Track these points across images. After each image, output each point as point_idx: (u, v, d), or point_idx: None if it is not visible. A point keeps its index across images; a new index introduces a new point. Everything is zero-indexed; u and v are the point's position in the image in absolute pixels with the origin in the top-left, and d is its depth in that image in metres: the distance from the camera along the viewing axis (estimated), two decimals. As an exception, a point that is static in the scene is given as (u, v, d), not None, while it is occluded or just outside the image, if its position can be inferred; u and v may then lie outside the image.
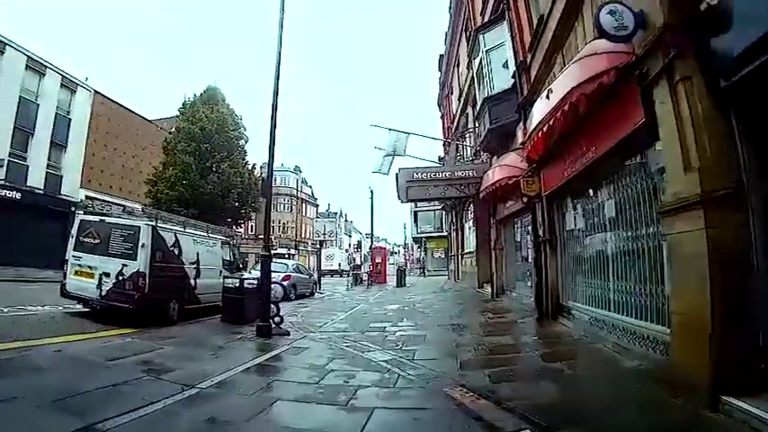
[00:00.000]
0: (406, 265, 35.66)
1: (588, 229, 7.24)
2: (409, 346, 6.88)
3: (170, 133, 25.37)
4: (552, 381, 4.72)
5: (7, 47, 20.88)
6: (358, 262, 39.85)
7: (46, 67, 22.94)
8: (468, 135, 18.42)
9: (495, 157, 12.99)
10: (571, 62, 5.68)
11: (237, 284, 9.80)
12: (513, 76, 10.25)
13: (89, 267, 8.46)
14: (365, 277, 26.09)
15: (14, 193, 20.26)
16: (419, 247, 57.11)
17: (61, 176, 23.69)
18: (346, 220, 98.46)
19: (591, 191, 6.99)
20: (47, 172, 22.80)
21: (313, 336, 8.17)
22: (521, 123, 10.33)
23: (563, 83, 5.62)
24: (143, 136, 29.39)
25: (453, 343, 7.14)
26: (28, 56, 21.78)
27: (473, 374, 5.12)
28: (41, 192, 21.37)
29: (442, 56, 27.47)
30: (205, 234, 10.86)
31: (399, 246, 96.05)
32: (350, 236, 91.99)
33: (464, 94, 18.58)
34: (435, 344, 7.26)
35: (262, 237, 44.73)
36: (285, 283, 15.47)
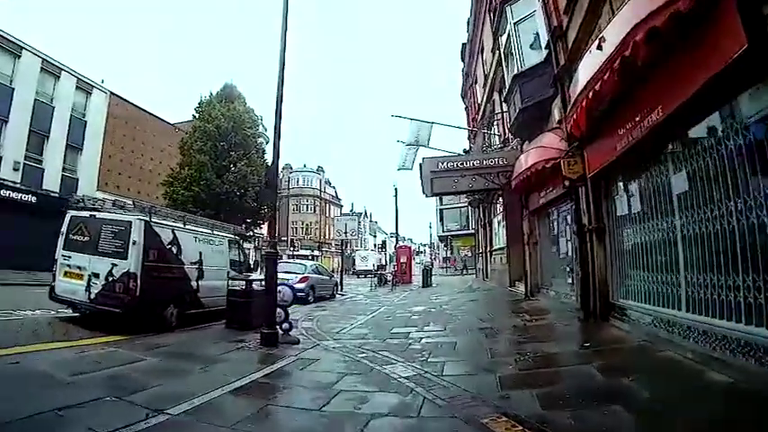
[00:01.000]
0: (432, 265, 34.35)
1: (647, 212, 6.00)
2: (436, 357, 5.80)
3: (186, 134, 24.83)
4: (624, 405, 3.55)
5: (23, 50, 20.66)
6: (382, 262, 38.81)
7: (61, 69, 22.70)
8: (495, 123, 17.18)
9: (526, 143, 11.79)
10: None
11: (244, 286, 8.88)
12: (547, 47, 9.07)
13: (78, 268, 7.63)
14: (390, 278, 25.01)
15: (30, 196, 19.97)
16: (445, 246, 55.86)
17: (77, 179, 23.40)
18: (371, 221, 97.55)
19: (651, 164, 5.76)
20: (62, 175, 22.54)
21: (326, 344, 7.15)
22: (556, 99, 9.18)
23: (621, 23, 4.46)
24: (161, 138, 29.04)
25: (488, 353, 6.01)
26: (43, 58, 21.53)
27: (517, 396, 4.02)
28: (57, 195, 21.04)
29: (464, 44, 26.21)
30: (209, 231, 9.98)
31: (425, 245, 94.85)
32: (375, 236, 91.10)
33: (489, 81, 17.35)
34: (467, 354, 6.14)
35: (285, 238, 44.17)
36: (302, 285, 14.54)
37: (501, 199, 16.78)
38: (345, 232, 21.37)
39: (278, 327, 7.44)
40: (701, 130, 4.58)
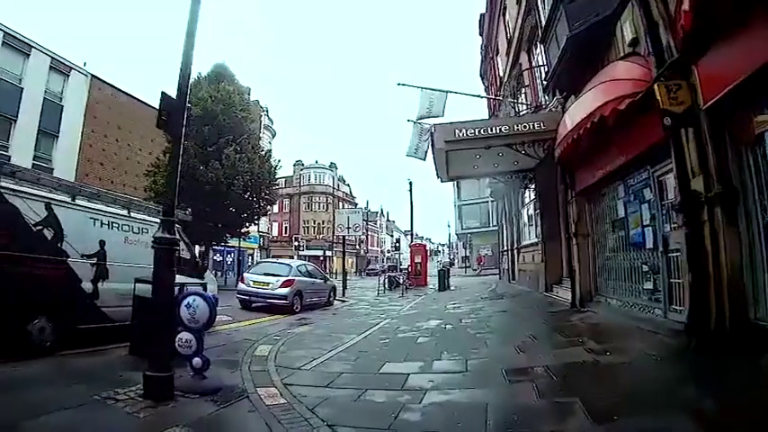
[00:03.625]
0: (450, 265, 31.15)
1: None
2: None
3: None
4: None
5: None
6: (392, 262, 35.81)
7: (30, 46, 20.22)
8: (522, 91, 14.04)
9: (571, 100, 8.70)
10: None
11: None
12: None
13: None
14: (401, 280, 21.75)
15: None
16: (464, 245, 52.58)
17: (52, 169, 20.86)
18: (388, 220, 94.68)
19: None
20: (33, 164, 19.97)
21: (263, 396, 4.21)
22: (626, 12, 6.14)
23: None
24: (150, 126, 26.33)
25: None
26: (5, 32, 19.03)
27: None
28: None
29: (482, 15, 23.09)
30: (121, 213, 7.08)
31: (444, 245, 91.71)
32: (392, 235, 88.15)
33: (515, 41, 14.22)
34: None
35: (297, 239, 41.55)
36: (285, 290, 11.65)
37: (533, 184, 13.61)
38: (348, 227, 18.32)
39: (188, 364, 4.55)
40: None
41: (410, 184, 33.68)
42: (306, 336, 8.11)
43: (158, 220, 7.51)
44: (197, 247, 25.08)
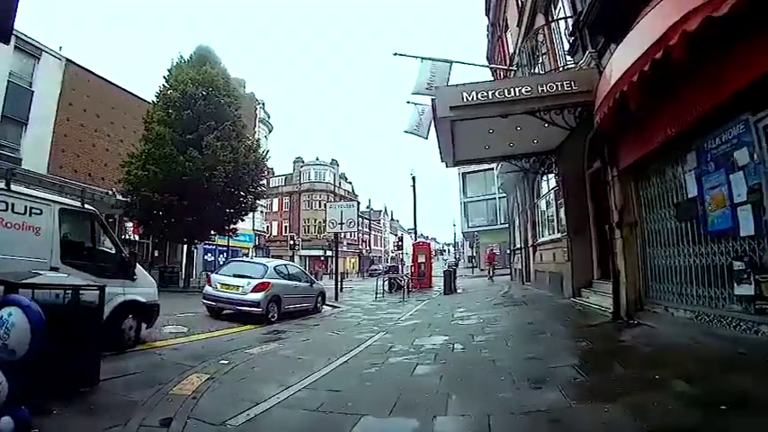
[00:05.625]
0: (456, 265, 29.01)
1: None
2: None
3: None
4: None
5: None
6: (395, 263, 33.80)
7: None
8: (539, 61, 11.98)
9: (609, 51, 6.71)
10: None
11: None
12: None
13: None
14: (404, 281, 19.50)
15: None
16: (470, 244, 50.45)
17: (20, 159, 19.03)
18: (392, 219, 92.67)
19: None
20: (-1, 153, 18.19)
21: None
22: None
23: None
24: (132, 116, 24.50)
25: None
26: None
27: None
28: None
29: (489, -9, 21.13)
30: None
31: (449, 245, 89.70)
32: (396, 235, 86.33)
33: (529, 5, 12.20)
34: None
35: (304, 240, 39.67)
36: (258, 295, 9.64)
37: (555, 169, 11.57)
38: (341, 222, 16.28)
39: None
40: None
41: (413, 178, 31.77)
42: (266, 358, 6.13)
43: (47, 198, 5.62)
44: (188, 245, 23.25)
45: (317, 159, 58.55)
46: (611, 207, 7.24)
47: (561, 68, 9.62)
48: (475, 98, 7.50)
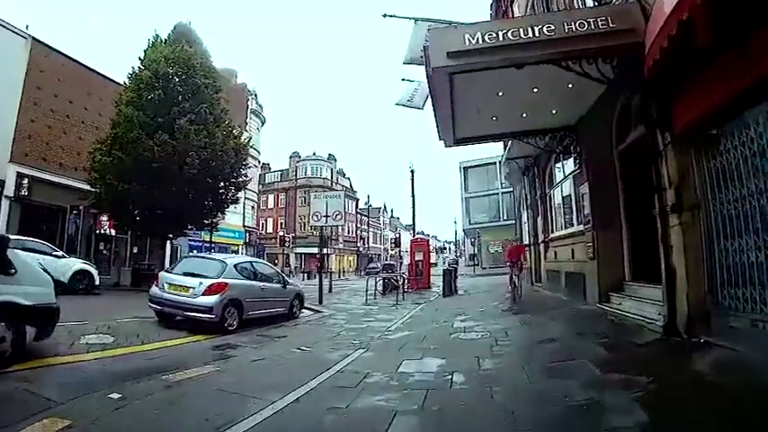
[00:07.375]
0: (457, 263, 27.17)
1: None
2: None
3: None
4: None
5: None
6: (393, 260, 32.01)
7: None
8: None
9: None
10: None
11: None
12: None
13: None
14: (400, 281, 17.61)
15: None
16: (472, 242, 48.62)
17: (-24, 146, 17.35)
18: (392, 216, 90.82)
19: None
20: (-53, 141, 16.47)
21: None
22: None
23: None
24: (110, 102, 22.71)
25: None
26: None
27: None
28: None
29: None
30: None
31: (450, 242, 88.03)
32: (395, 232, 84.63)
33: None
34: None
35: (300, 237, 37.97)
36: (211, 299, 7.81)
37: (574, 152, 9.74)
38: (326, 215, 14.43)
39: None
40: None
41: (412, 172, 30.10)
42: (181, 391, 4.32)
43: None
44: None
45: (314, 154, 56.79)
46: (663, 186, 5.41)
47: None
48: (483, 41, 5.69)
